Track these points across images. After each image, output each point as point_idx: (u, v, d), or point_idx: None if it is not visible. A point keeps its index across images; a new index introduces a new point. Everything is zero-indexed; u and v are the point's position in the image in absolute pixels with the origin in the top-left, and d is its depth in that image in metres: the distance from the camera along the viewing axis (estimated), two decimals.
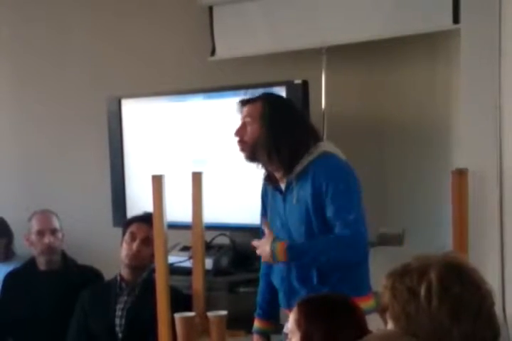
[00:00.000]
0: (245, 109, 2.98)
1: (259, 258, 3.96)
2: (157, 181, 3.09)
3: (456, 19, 3.79)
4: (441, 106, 4.24)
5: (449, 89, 4.21)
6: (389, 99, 4.36)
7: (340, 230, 2.78)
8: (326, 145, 2.94)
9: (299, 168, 2.88)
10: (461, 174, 3.01)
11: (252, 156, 2.95)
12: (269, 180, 3.02)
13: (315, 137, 2.95)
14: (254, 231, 4.00)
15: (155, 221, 3.09)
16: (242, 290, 3.77)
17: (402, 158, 4.28)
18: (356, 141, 4.13)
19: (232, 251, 3.95)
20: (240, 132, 2.96)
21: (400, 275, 1.60)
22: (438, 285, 1.56)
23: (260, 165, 3.00)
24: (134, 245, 3.49)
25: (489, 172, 3.33)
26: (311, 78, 3.97)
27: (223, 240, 4.05)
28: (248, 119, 2.95)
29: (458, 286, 1.57)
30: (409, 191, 4.16)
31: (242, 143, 2.96)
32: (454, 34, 4.07)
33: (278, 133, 2.90)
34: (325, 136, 3.92)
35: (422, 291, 1.56)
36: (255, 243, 2.94)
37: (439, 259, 1.62)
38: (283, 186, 2.96)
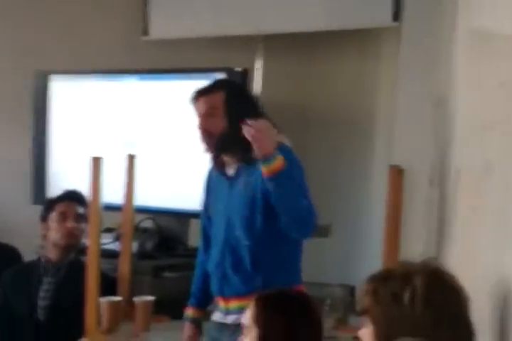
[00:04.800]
0: (204, 99, 2.90)
1: (183, 243, 4.00)
2: (96, 163, 3.03)
3: (395, 17, 3.84)
4: (368, 101, 4.31)
5: (376, 84, 4.28)
6: (320, 90, 4.40)
7: None
8: (283, 138, 2.93)
9: (251, 155, 2.86)
10: (398, 172, 3.05)
11: (219, 148, 2.88)
12: (216, 164, 2.98)
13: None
14: (180, 216, 4.00)
15: (92, 203, 3.04)
16: (166, 275, 3.75)
17: (328, 149, 4.33)
18: (286, 130, 4.14)
19: (157, 235, 3.92)
20: (206, 124, 2.88)
21: (383, 280, 1.60)
22: (422, 292, 1.57)
23: (209, 152, 2.95)
24: (69, 224, 3.41)
25: (418, 169, 3.39)
26: (247, 65, 3.97)
27: (148, 223, 4.01)
28: (211, 110, 2.89)
29: (441, 293, 1.59)
30: (336, 183, 4.21)
31: (207, 134, 2.88)
32: (386, 31, 4.14)
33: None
34: None
35: (406, 297, 1.57)
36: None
37: (423, 266, 1.63)
38: (231, 171, 2.94)
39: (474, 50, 2.60)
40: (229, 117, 2.87)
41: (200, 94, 2.93)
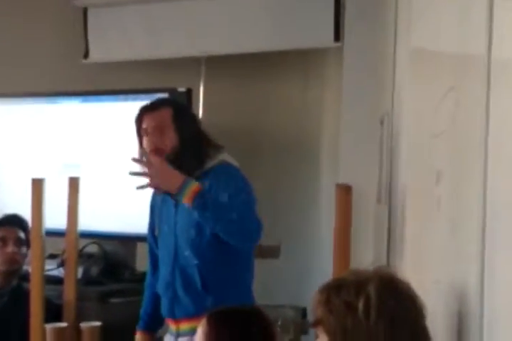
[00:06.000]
0: (152, 116, 2.88)
1: (130, 268, 3.91)
2: (37, 185, 2.96)
3: (337, 37, 3.86)
4: (313, 122, 4.32)
5: (321, 104, 4.29)
6: (263, 111, 4.39)
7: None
8: (225, 155, 2.91)
9: (197, 173, 2.83)
10: (346, 190, 3.03)
11: (171, 164, 2.82)
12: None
13: (214, 145, 2.91)
14: (126, 240, 3.93)
15: (33, 227, 2.97)
16: (113, 300, 3.67)
17: (275, 170, 4.31)
18: (230, 152, 4.12)
19: (103, 260, 3.84)
20: (156, 141, 2.85)
21: (336, 289, 1.57)
22: (376, 300, 1.53)
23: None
24: (9, 248, 3.33)
25: (365, 187, 3.39)
26: (189, 87, 3.93)
27: (93, 248, 3.93)
28: (160, 127, 2.85)
29: (395, 301, 1.55)
30: (284, 204, 4.19)
31: (158, 151, 2.84)
32: (328, 52, 4.16)
33: (193, 138, 2.85)
34: None
35: (360, 305, 1.53)
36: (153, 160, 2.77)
37: (375, 274, 1.60)
38: None
39: (414, 66, 2.62)
40: (179, 133, 2.84)
41: (147, 112, 2.89)
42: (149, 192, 3.10)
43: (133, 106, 3.36)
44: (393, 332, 1.53)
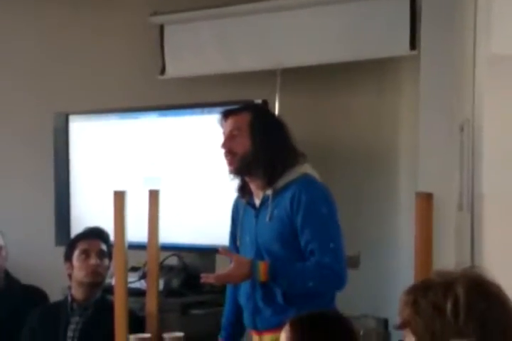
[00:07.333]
0: (231, 120, 2.89)
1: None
2: (119, 197, 2.99)
3: (413, 45, 3.82)
4: (389, 131, 4.28)
5: (397, 114, 4.25)
6: (340, 121, 4.38)
7: (320, 258, 2.72)
8: (308, 168, 2.89)
9: (278, 185, 2.82)
10: (427, 197, 2.99)
11: (241, 168, 2.86)
12: (243, 193, 2.94)
13: (298, 156, 2.89)
14: (205, 253, 3.95)
15: (116, 239, 3.00)
16: (194, 312, 3.69)
17: (351, 180, 4.29)
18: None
19: (183, 272, 3.87)
20: (228, 144, 2.87)
21: (423, 290, 1.54)
22: (465, 301, 1.51)
23: (235, 178, 2.92)
24: (92, 261, 3.37)
25: (445, 194, 3.34)
26: (264, 99, 3.94)
27: (173, 261, 3.96)
28: (236, 131, 2.87)
29: (485, 302, 1.52)
30: (361, 213, 4.16)
31: (231, 154, 2.87)
32: (403, 60, 4.12)
33: (267, 145, 2.84)
34: None
35: (448, 306, 1.50)
36: (222, 274, 2.85)
37: (464, 274, 1.57)
38: (257, 201, 2.89)
39: (495, 70, 2.58)
40: (253, 138, 2.85)
41: (227, 115, 2.91)
42: (229, 203, 3.12)
43: (209, 119, 3.39)
44: (483, 335, 1.49)
